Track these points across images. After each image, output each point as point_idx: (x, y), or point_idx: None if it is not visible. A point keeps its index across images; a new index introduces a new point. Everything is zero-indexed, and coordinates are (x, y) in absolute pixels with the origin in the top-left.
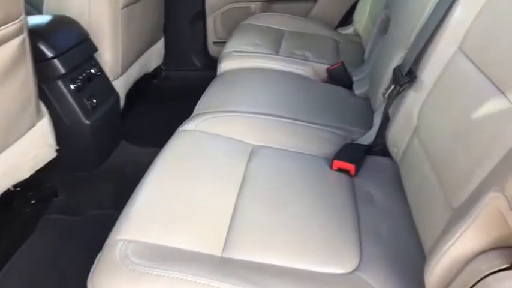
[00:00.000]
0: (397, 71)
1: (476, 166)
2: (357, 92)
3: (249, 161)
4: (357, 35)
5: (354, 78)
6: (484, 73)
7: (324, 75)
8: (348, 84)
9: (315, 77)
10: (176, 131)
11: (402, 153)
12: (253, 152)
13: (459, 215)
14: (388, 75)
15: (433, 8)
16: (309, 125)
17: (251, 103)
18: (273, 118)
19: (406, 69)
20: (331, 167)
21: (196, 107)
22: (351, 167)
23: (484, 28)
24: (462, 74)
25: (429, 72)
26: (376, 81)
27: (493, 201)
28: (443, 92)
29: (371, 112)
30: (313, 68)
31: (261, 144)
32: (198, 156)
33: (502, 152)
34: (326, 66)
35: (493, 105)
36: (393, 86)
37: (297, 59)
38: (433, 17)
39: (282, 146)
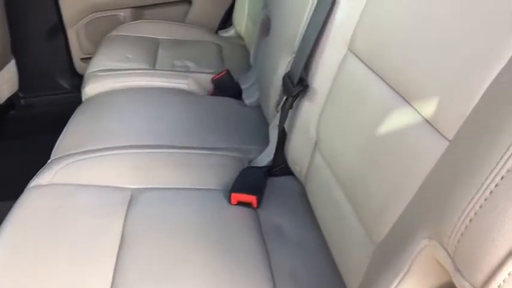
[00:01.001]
0: (286, 79)
1: (391, 194)
2: (247, 101)
3: (128, 211)
4: (239, 36)
5: (243, 86)
6: (382, 78)
7: (210, 86)
8: (236, 94)
9: (200, 90)
10: (26, 188)
11: (306, 172)
12: (133, 198)
13: (384, 256)
14: (277, 83)
15: (313, 8)
16: (199, 152)
17: (125, 135)
18: (154, 150)
19: (296, 78)
20: (230, 201)
21: (54, 150)
22: (251, 198)
23: (371, 26)
24: (358, 80)
25: (321, 79)
26: (266, 91)
27: (426, 249)
28: (340, 102)
29: (266, 123)
30: (197, 80)
31: (142, 186)
32: (56, 224)
33: (420, 177)
34: (211, 76)
35: (400, 117)
36: (285, 98)
37: (178, 71)
38: (315, 17)
39: (168, 185)
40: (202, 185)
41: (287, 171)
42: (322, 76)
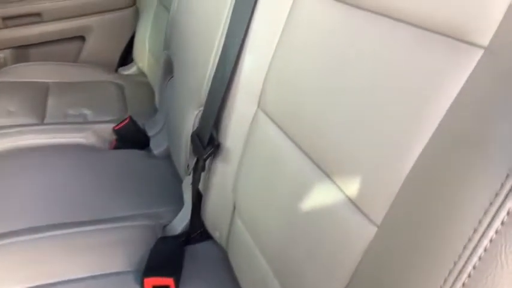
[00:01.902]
0: (195, 138)
1: (325, 279)
2: (156, 151)
3: None
4: (142, 73)
5: (150, 134)
6: (297, 145)
7: (112, 137)
8: (143, 143)
9: (101, 143)
10: None
11: (226, 238)
12: None
13: None
14: (186, 140)
15: (217, 59)
16: (101, 226)
17: (5, 218)
18: (45, 235)
19: (206, 136)
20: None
21: None
22: (168, 281)
23: (279, 84)
24: (271, 143)
25: (233, 138)
26: (175, 145)
27: None
28: (255, 166)
29: (178, 177)
30: (97, 132)
31: (32, 285)
32: None
33: (352, 265)
34: (112, 126)
35: (322, 193)
36: (196, 159)
37: (73, 123)
38: (221, 68)
39: (65, 276)
40: (109, 268)
41: (206, 236)
42: (234, 135)
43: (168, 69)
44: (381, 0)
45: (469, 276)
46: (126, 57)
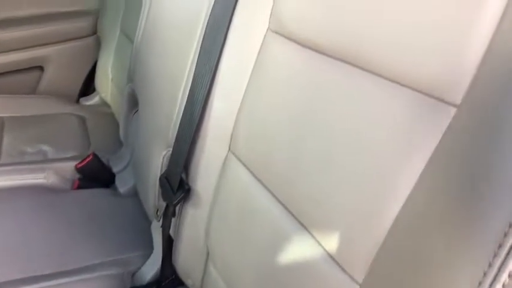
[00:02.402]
0: (164, 182)
1: None
2: (122, 189)
3: None
4: (105, 104)
5: (115, 170)
6: (270, 192)
7: (75, 176)
8: (108, 181)
9: (63, 183)
10: None
11: (200, 287)
12: None
13: None
14: (154, 182)
15: (185, 99)
16: (65, 280)
17: None
18: None
19: (175, 179)
20: None
21: None
22: None
23: (249, 127)
24: (243, 188)
25: (204, 182)
26: (142, 185)
27: None
28: (228, 212)
29: (146, 218)
30: (58, 171)
31: None
32: None
33: None
34: (75, 163)
35: (299, 246)
36: (166, 204)
37: (31, 162)
38: (189, 108)
39: None
40: None
41: (178, 283)
42: (205, 179)
43: (133, 102)
44: (349, 51)
45: None
46: (88, 87)
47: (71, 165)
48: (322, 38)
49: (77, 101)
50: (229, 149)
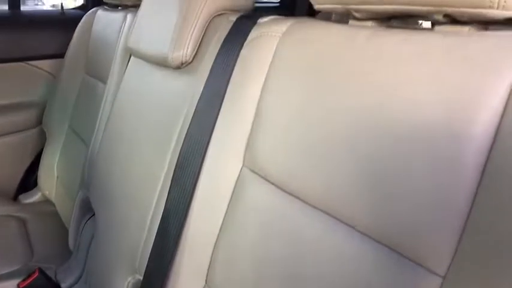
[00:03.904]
0: None
1: None
2: None
3: None
4: (47, 201)
5: (63, 285)
6: None
7: None
8: None
9: None
10: None
11: None
12: None
13: None
14: None
15: (156, 226)
16: None
17: None
18: None
19: None
20: None
21: None
22: None
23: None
24: None
25: None
26: None
27: None
28: None
29: None
30: None
31: None
32: None
33: None
34: (17, 282)
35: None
36: None
37: None
38: (160, 240)
39: None
40: None
41: None
42: None
43: (86, 209)
44: (324, 200)
45: None
46: (27, 182)
47: (13, 284)
48: (298, 184)
49: (15, 198)
50: (206, 282)
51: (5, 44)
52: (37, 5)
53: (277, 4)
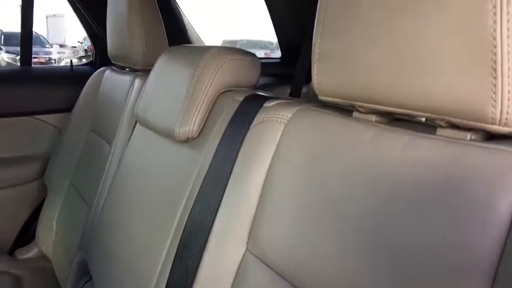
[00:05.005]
0: None
1: None
2: None
3: None
4: (44, 257)
5: None
6: None
7: None
8: None
9: None
10: None
11: None
12: None
13: None
14: None
15: None
16: None
17: None
18: None
19: None
20: None
21: None
22: None
23: None
24: None
25: None
26: None
27: None
28: None
29: None
30: None
31: None
32: None
33: None
34: None
35: None
36: None
37: None
38: None
39: None
40: None
41: None
42: None
43: (83, 272)
44: None
45: None
46: (24, 234)
47: None
48: (303, 276)
49: (10, 253)
50: None
51: (15, 99)
52: (45, 47)
53: (278, 60)
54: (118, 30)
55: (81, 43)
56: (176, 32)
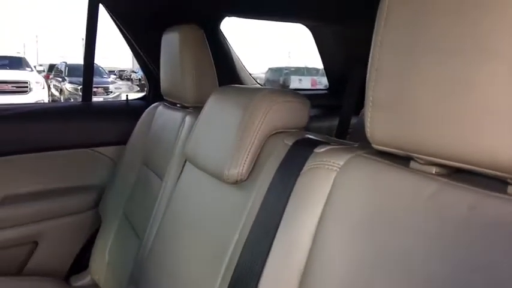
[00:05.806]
0: None
1: None
2: None
3: None
4: (96, 286)
5: None
6: None
7: None
8: None
9: None
10: None
11: None
12: None
13: None
14: None
15: None
16: None
17: None
18: None
19: None
20: None
21: None
22: None
23: None
24: None
25: None
26: None
27: None
28: None
29: None
30: None
31: None
32: None
33: None
34: None
35: None
36: None
37: None
38: None
39: None
40: None
41: None
42: None
43: None
44: None
45: None
46: (80, 262)
47: None
48: None
49: (66, 279)
50: None
51: (75, 132)
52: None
53: (326, 91)
54: (171, 68)
55: (135, 72)
56: (227, 70)
